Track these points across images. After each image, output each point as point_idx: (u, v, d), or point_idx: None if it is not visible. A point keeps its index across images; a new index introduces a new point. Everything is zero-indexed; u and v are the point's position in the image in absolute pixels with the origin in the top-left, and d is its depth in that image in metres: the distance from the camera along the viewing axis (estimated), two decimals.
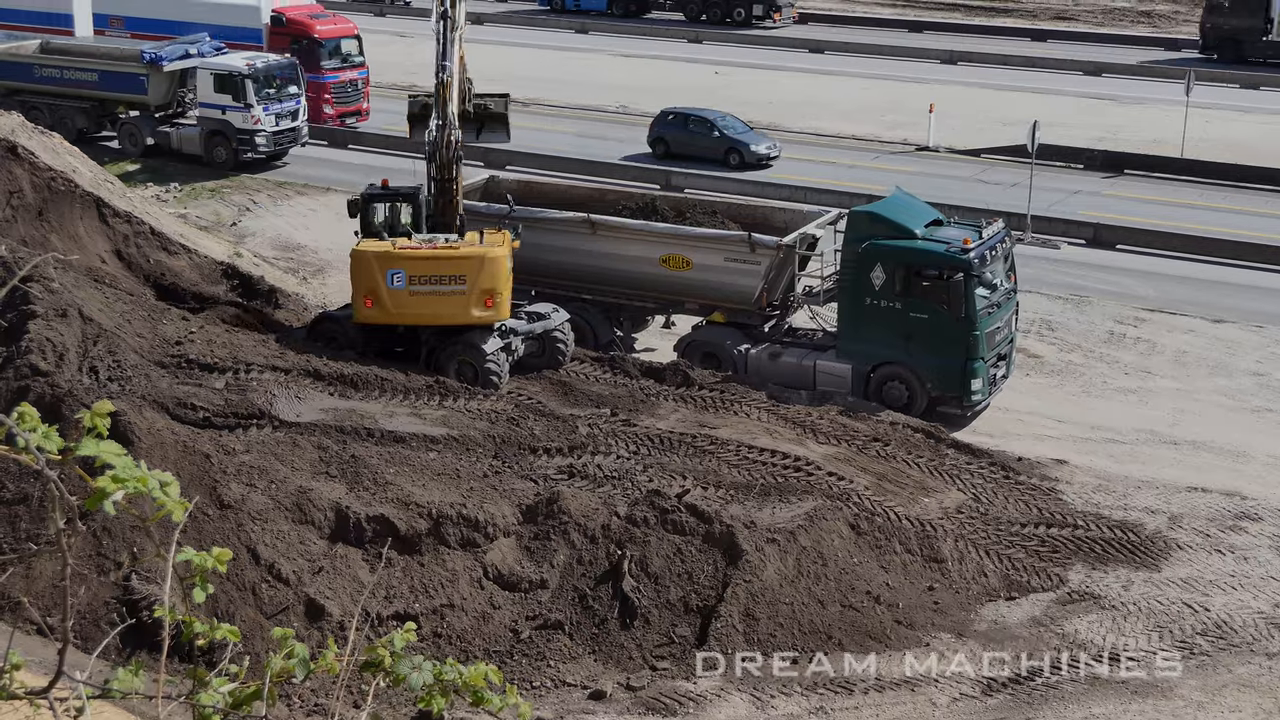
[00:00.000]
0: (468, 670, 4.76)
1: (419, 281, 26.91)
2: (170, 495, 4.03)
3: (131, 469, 3.95)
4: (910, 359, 27.27)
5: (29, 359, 22.87)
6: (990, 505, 23.50)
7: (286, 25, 52.56)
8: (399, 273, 26.83)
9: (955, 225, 28.55)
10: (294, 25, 52.58)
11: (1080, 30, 79.22)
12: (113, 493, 3.94)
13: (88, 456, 4.01)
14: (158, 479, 4.00)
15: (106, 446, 3.95)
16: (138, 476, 3.94)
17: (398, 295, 26.95)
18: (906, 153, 50.43)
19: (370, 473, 21.32)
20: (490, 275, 26.99)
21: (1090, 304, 34.36)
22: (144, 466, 4.00)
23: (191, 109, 48.08)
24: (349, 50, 52.82)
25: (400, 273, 26.84)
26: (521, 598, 19.98)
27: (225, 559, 4.44)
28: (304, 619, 18.84)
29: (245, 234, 39.28)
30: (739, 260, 28.61)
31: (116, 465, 3.94)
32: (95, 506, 3.99)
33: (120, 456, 3.95)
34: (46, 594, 18.08)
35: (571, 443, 23.77)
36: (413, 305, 27.09)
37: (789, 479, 22.97)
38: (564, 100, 57.41)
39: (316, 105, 50.55)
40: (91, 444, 3.93)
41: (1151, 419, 27.95)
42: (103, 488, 3.93)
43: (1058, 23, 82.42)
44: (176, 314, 27.94)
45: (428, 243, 27.34)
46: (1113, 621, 20.50)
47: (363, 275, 27.08)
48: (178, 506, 4.02)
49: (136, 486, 3.94)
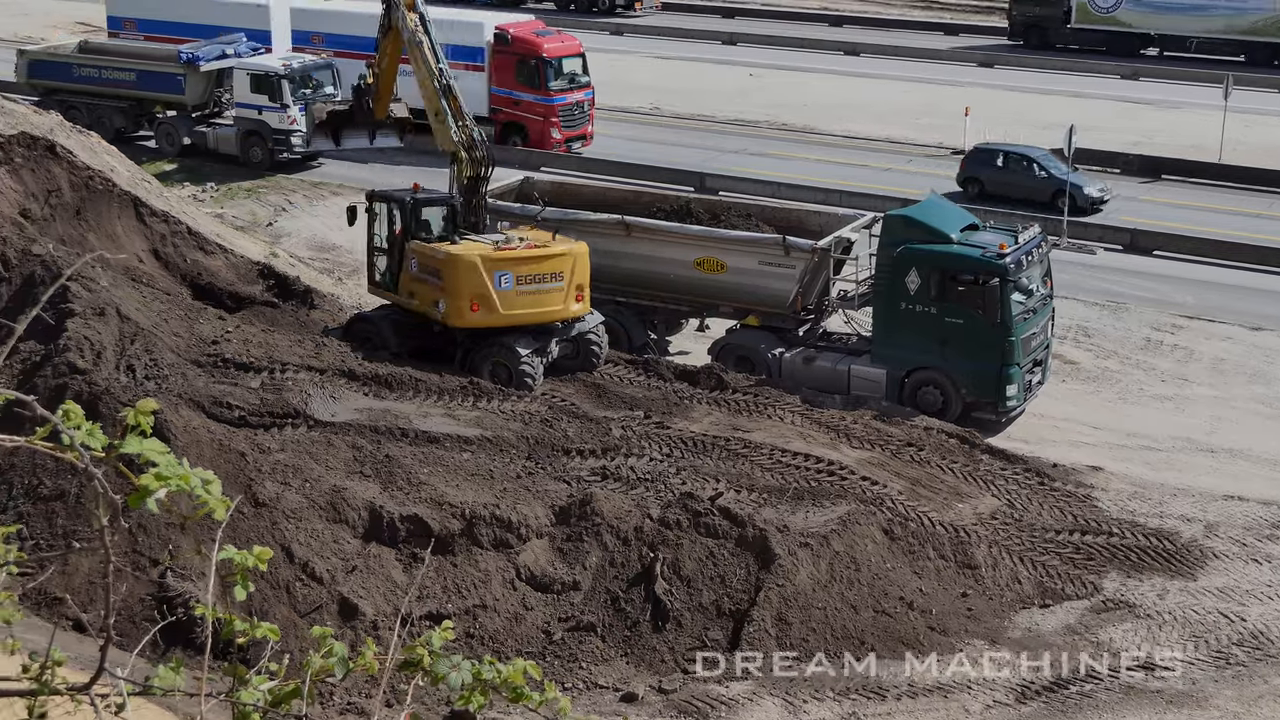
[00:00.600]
0: (506, 668, 4.76)
1: (524, 281, 27.16)
2: (212, 493, 4.04)
3: (174, 467, 3.95)
4: (945, 364, 27.18)
5: (67, 357, 22.99)
6: (1025, 511, 23.40)
7: (511, 44, 48.73)
8: (506, 274, 26.97)
9: (991, 230, 28.45)
10: (520, 44, 48.76)
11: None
12: (155, 491, 3.94)
13: (129, 454, 4.02)
14: (200, 477, 4.01)
15: (150, 444, 3.95)
16: (180, 474, 3.95)
17: (506, 297, 27.06)
18: (942, 156, 50.26)
19: (404, 473, 21.36)
20: (581, 270, 27.63)
21: (1127, 310, 34.19)
22: (186, 464, 4.01)
23: (228, 109, 48.30)
24: (575, 70, 49.49)
25: (508, 274, 26.99)
26: (554, 599, 19.99)
27: (266, 558, 4.44)
28: (337, 618, 18.88)
29: (281, 234, 39.42)
30: (774, 264, 28.56)
31: (160, 463, 3.94)
32: (139, 504, 4.00)
33: (163, 454, 3.96)
34: (83, 590, 18.18)
35: (605, 445, 23.76)
36: (519, 305, 27.26)
37: (822, 483, 22.92)
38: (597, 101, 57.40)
39: (543, 130, 48.09)
40: (135, 442, 3.94)
41: (1188, 426, 27.79)
42: (145, 485, 3.94)
43: None
44: (213, 313, 28.04)
45: (523, 243, 27.64)
46: (1148, 630, 20.38)
47: (468, 280, 26.98)
48: (220, 505, 4.03)
49: (179, 485, 3.95)
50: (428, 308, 27.75)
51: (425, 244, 27.96)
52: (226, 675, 4.71)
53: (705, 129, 53.36)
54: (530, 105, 48.10)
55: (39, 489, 20.10)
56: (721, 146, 50.77)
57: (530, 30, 50.17)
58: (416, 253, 27.90)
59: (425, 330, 28.33)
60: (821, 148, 51.19)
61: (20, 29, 68.16)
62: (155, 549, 18.91)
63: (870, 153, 50.53)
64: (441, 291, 27.30)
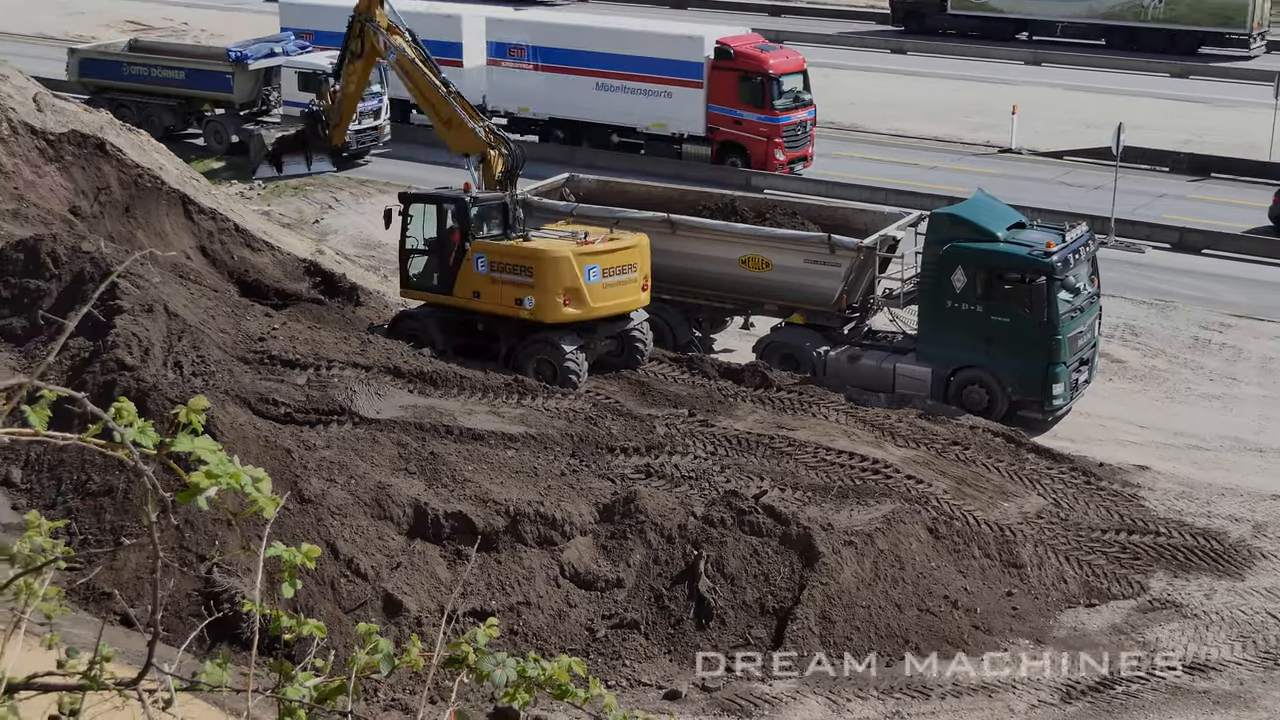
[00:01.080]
0: (551, 665, 4.78)
1: (609, 274, 27.54)
2: (262, 491, 4.07)
3: (225, 465, 3.99)
4: (991, 363, 27.06)
5: (115, 353, 23.17)
6: (1071, 511, 23.29)
7: (735, 59, 45.48)
8: (594, 268, 27.33)
9: (1038, 228, 28.30)
10: (744, 59, 45.50)
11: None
12: (206, 488, 3.98)
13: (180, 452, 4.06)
14: (250, 474, 4.04)
15: (201, 442, 3.99)
16: (231, 472, 3.98)
17: (594, 289, 27.38)
18: (989, 154, 50.06)
19: (449, 470, 21.43)
20: (645, 261, 28.15)
21: (1175, 309, 33.96)
22: (237, 461, 4.04)
23: (276, 107, 48.56)
24: (797, 87, 46.31)
25: (595, 267, 27.34)
26: (598, 596, 20.02)
27: (314, 556, 4.47)
28: (382, 614, 18.97)
29: (327, 231, 39.61)
30: (819, 262, 28.51)
31: (210, 461, 3.98)
32: (189, 501, 4.04)
33: (214, 452, 4.00)
34: (131, 585, 18.33)
35: (649, 442, 23.78)
36: (605, 298, 27.63)
37: (867, 481, 22.87)
38: None
39: (765, 150, 45.23)
40: (186, 440, 3.98)
41: (1236, 425, 27.59)
42: (196, 483, 3.98)
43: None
44: (259, 310, 28.20)
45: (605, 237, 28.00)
46: (1195, 630, 20.25)
47: (562, 275, 27.18)
48: (269, 503, 4.06)
49: (229, 483, 3.98)
50: (504, 306, 27.70)
51: (499, 242, 27.98)
52: (272, 671, 4.75)
53: None
54: (752, 125, 45.29)
55: (87, 484, 20.28)
56: None
57: (753, 45, 47.08)
58: (489, 251, 27.83)
59: (470, 328, 28.44)
60: (868, 146, 51.03)
61: (72, 28, 68.76)
62: (202, 545, 19.05)
63: (918, 151, 50.36)
64: (529, 288, 27.33)
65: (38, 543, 4.52)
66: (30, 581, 4.47)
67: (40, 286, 26.17)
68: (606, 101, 46.98)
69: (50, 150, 33.01)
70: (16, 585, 4.45)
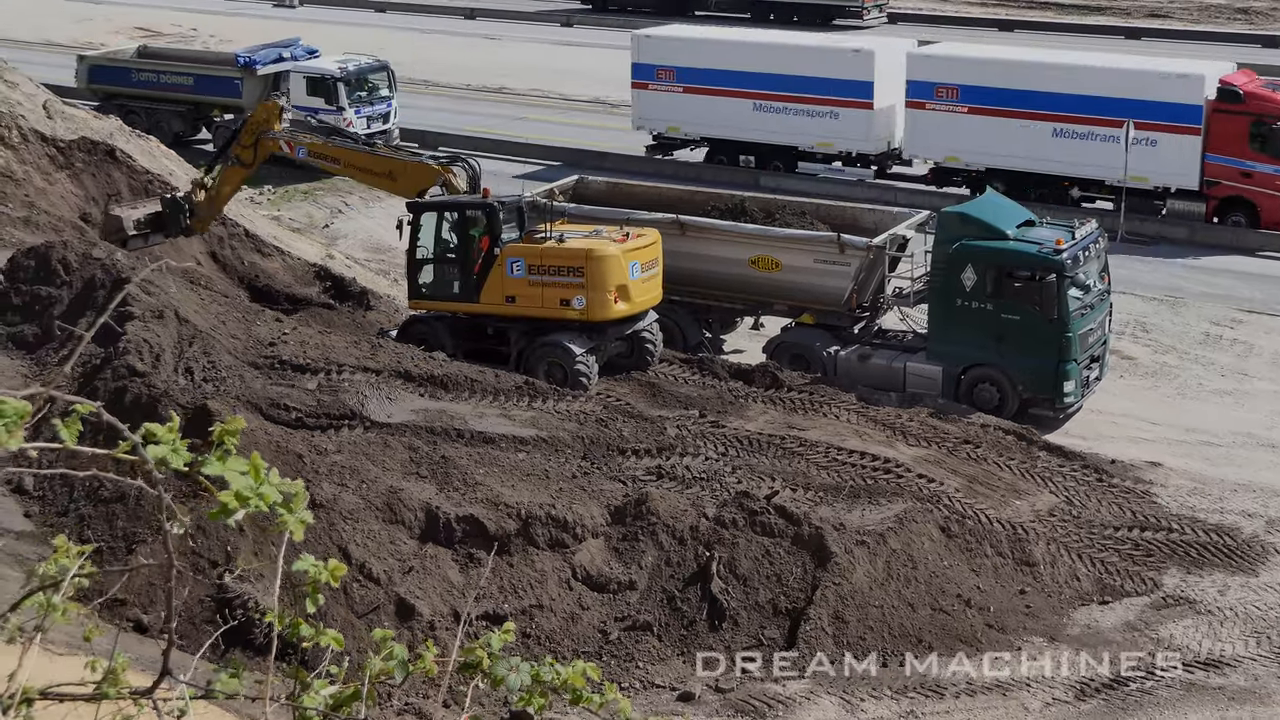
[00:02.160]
0: (566, 670, 4.78)
1: (645, 270, 27.89)
2: (294, 510, 4.06)
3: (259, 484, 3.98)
4: (1002, 361, 27.04)
5: (126, 360, 23.21)
6: (1083, 508, 23.26)
7: (1244, 101, 38.68)
8: (635, 264, 27.59)
9: (1048, 226, 28.26)
10: (1258, 102, 38.82)
11: (1175, 28, 78.09)
12: (235, 510, 3.98)
13: None
14: (283, 489, 4.04)
15: (232, 464, 3.99)
16: (263, 494, 3.98)
17: (637, 285, 27.66)
18: None
19: (460, 473, 21.44)
20: (661, 257, 28.44)
21: (1185, 305, 33.92)
22: (274, 475, 4.04)
23: (286, 111, 48.54)
24: None
25: (636, 264, 27.61)
26: (610, 599, 20.01)
27: (340, 573, 4.48)
28: (394, 619, 18.98)
29: (337, 236, 39.65)
30: (828, 261, 28.50)
31: (238, 485, 3.97)
32: (218, 519, 4.04)
33: (244, 474, 4.00)
34: (144, 591, 18.35)
35: (660, 444, 23.78)
36: (643, 293, 27.95)
37: (879, 481, 22.85)
38: None
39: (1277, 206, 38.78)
40: (216, 463, 3.98)
41: (1248, 421, 27.55)
42: (225, 504, 3.98)
43: (1152, 20, 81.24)
44: (270, 315, 28.24)
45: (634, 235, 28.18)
46: (1209, 627, 20.22)
47: (613, 273, 27.32)
48: (299, 526, 4.06)
49: (257, 506, 3.98)
50: (546, 309, 27.62)
51: (540, 243, 27.83)
52: (288, 678, 4.76)
53: None
54: (1268, 179, 38.71)
55: (100, 491, 20.32)
56: None
57: (1262, 85, 40.41)
58: (527, 254, 27.70)
59: (480, 331, 28.45)
60: None
61: (81, 35, 68.85)
62: (214, 551, 19.08)
63: None
64: (578, 288, 27.33)
65: (63, 565, 4.53)
66: (51, 595, 4.48)
67: (51, 294, 26.24)
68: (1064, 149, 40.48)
69: (60, 157, 33.15)
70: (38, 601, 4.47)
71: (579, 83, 59.22)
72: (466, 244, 28.46)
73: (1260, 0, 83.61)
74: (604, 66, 57.88)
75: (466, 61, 64.21)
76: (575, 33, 74.11)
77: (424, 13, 79.66)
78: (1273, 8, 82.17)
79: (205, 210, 30.15)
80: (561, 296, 27.34)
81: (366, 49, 53.13)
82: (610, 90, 54.33)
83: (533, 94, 58.91)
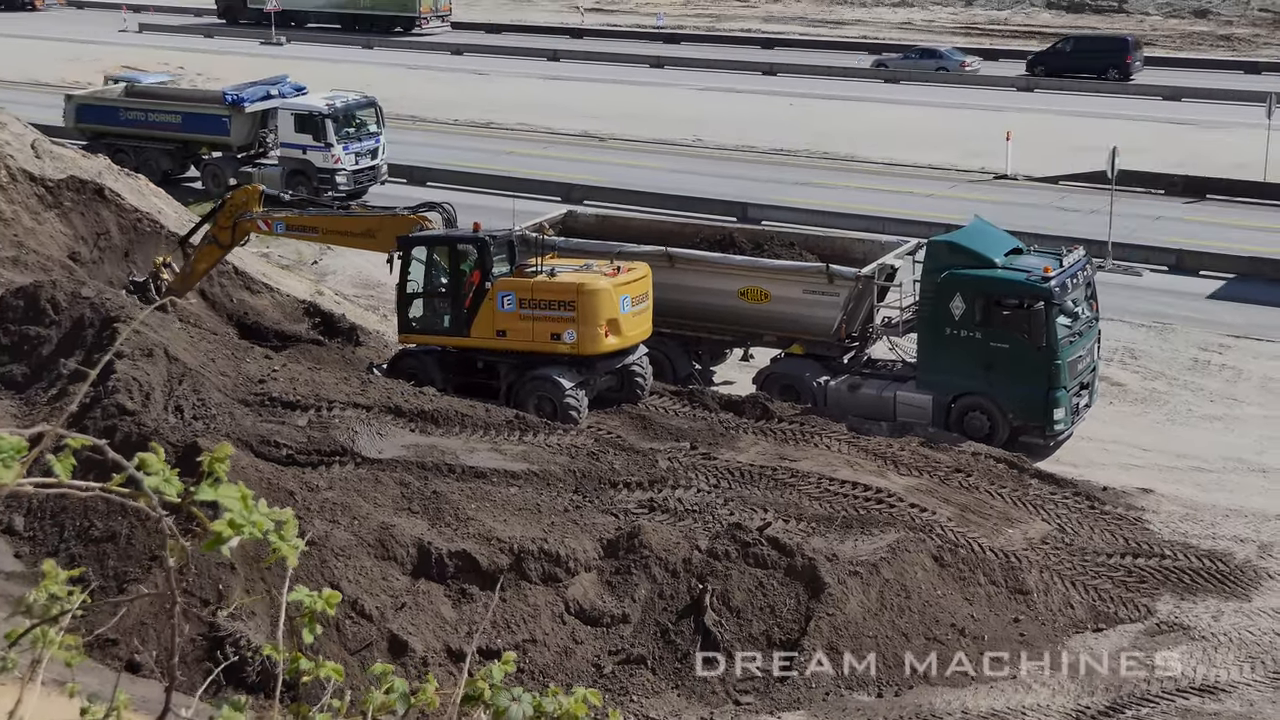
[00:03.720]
0: (568, 700, 4.76)
1: (635, 304, 27.81)
2: (286, 538, 4.07)
3: (249, 512, 3.99)
4: (991, 389, 27.07)
5: (116, 398, 23.16)
6: (1075, 535, 23.26)
7: None
8: (626, 298, 27.52)
9: (1035, 253, 28.34)
10: None
11: (1159, 55, 78.59)
12: (229, 538, 3.98)
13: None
14: (273, 518, 4.04)
15: (224, 491, 3.99)
16: (255, 521, 3.98)
17: (627, 319, 27.57)
18: (984, 181, 50.18)
19: (452, 508, 21.40)
20: (651, 291, 28.35)
21: (1174, 331, 33.98)
22: (263, 504, 4.04)
23: (273, 149, 48.70)
24: None
25: (627, 298, 27.54)
26: (603, 632, 19.96)
27: (334, 601, 4.47)
28: (387, 655, 18.90)
29: (326, 272, 39.64)
30: (817, 292, 28.54)
31: (233, 510, 3.97)
32: (213, 549, 4.04)
33: (238, 500, 4.00)
34: (136, 630, 18.26)
35: (651, 476, 23.75)
36: (634, 326, 27.87)
37: (871, 511, 22.84)
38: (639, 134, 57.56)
39: None
40: (210, 489, 3.98)
41: (1238, 446, 27.58)
42: (219, 532, 3.98)
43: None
44: (259, 352, 28.20)
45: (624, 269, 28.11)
46: (1203, 653, 20.20)
47: (604, 307, 27.26)
48: (291, 551, 4.06)
49: (252, 533, 3.98)
50: (536, 342, 27.54)
51: (531, 277, 27.74)
52: (289, 714, 4.74)
53: (747, 160, 53.43)
54: None
55: (90, 531, 20.25)
56: (763, 176, 50.80)
57: None
58: (518, 288, 27.65)
59: (470, 366, 28.42)
60: (863, 175, 51.16)
61: (68, 74, 68.99)
62: (206, 590, 19.00)
63: (912, 179, 50.48)
64: (569, 322, 27.28)
65: (53, 592, 4.52)
66: (47, 630, 4.46)
67: (40, 333, 26.20)
68: None
69: (49, 196, 33.13)
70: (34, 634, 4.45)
71: (566, 116, 59.44)
72: (457, 278, 28.46)
73: (1242, 28, 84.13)
74: (592, 99, 58.13)
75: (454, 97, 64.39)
76: (563, 67, 74.36)
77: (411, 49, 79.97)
78: (1255, 34, 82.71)
79: (179, 286, 29.94)
80: (552, 330, 27.31)
81: (354, 85, 53.28)
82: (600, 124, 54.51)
83: (520, 128, 59.10)
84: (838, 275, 28.30)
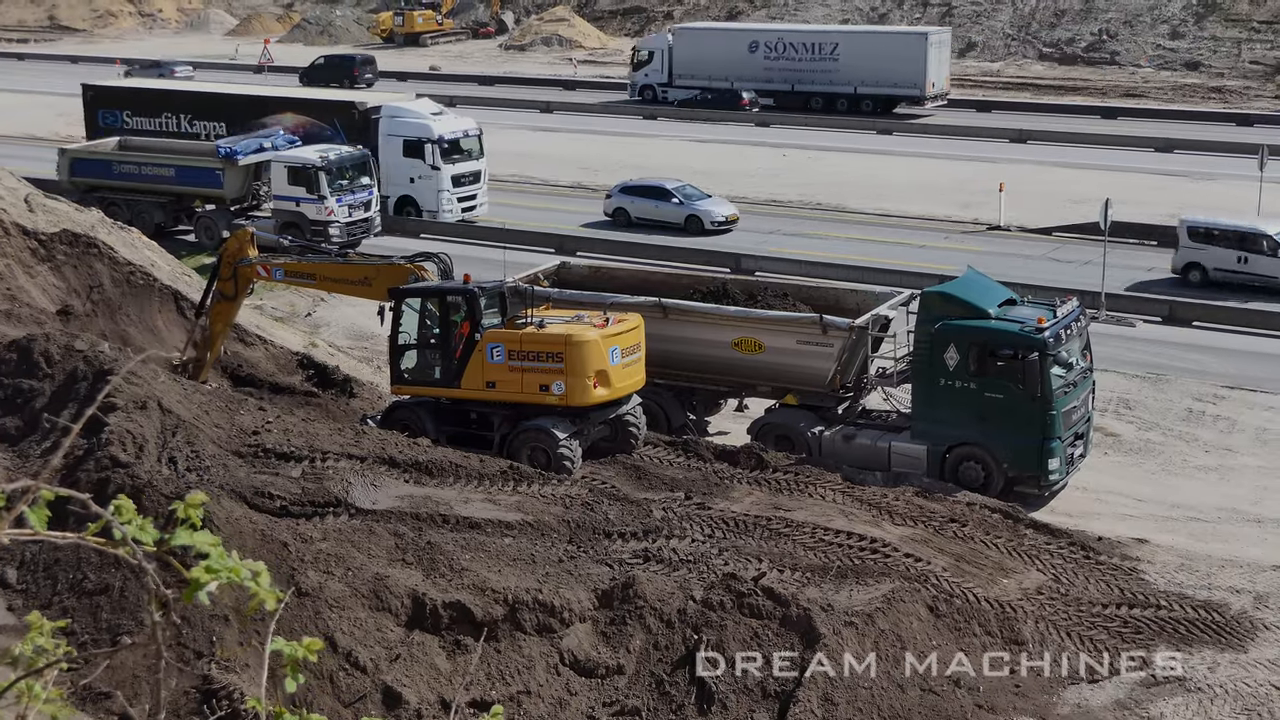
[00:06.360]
0: None
1: (625, 355, 27.78)
2: (262, 585, 4.06)
3: (224, 560, 3.99)
4: (986, 439, 27.07)
5: (109, 450, 23.10)
6: (1071, 586, 23.20)
7: None
8: (615, 349, 27.50)
9: (1029, 304, 28.41)
10: None
11: (1151, 107, 79.03)
12: (206, 584, 3.97)
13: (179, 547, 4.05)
14: (249, 568, 4.04)
15: (200, 537, 3.99)
16: (230, 567, 3.98)
17: (618, 371, 27.55)
18: (978, 232, 50.35)
19: (446, 559, 21.34)
20: (644, 342, 28.33)
21: (1168, 382, 34.02)
22: (236, 555, 4.04)
23: (266, 201, 48.79)
24: None
25: (616, 349, 27.53)
26: (598, 684, 19.87)
27: (316, 649, 4.46)
28: (381, 707, 18.81)
29: (320, 324, 39.68)
30: (811, 343, 28.57)
31: (210, 555, 3.97)
32: (191, 599, 4.03)
33: (214, 546, 4.00)
34: (129, 684, 18.16)
35: (646, 527, 23.70)
36: (624, 378, 27.85)
37: (866, 561, 22.79)
38: None
39: None
40: (185, 534, 3.98)
41: (1234, 497, 27.57)
42: (196, 578, 3.97)
43: (1128, 100, 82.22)
44: (253, 404, 28.17)
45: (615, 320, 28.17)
46: (1199, 704, 20.12)
47: (592, 359, 27.26)
48: (270, 596, 4.05)
49: (229, 577, 3.98)
50: (526, 394, 27.52)
51: (520, 329, 27.77)
52: None
53: (740, 210, 53.56)
54: None
55: (83, 583, 20.15)
56: (756, 228, 50.95)
57: None
58: (507, 340, 27.66)
59: (463, 416, 28.41)
60: (856, 226, 51.31)
61: (62, 128, 69.17)
62: (200, 642, 18.91)
63: (906, 230, 50.63)
64: (557, 374, 27.28)
65: (39, 644, 4.49)
66: (33, 684, 4.43)
67: (33, 386, 26.15)
68: None
69: (42, 250, 33.16)
70: (19, 688, 4.42)
71: (559, 167, 59.61)
72: (447, 330, 28.50)
73: (1234, 80, 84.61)
74: (584, 150, 58.30)
75: None
76: (555, 119, 74.66)
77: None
78: (1246, 86, 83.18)
79: (202, 354, 29.93)
80: (541, 382, 27.31)
81: None
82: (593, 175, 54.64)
83: (512, 179, 59.25)
84: (831, 326, 28.34)
